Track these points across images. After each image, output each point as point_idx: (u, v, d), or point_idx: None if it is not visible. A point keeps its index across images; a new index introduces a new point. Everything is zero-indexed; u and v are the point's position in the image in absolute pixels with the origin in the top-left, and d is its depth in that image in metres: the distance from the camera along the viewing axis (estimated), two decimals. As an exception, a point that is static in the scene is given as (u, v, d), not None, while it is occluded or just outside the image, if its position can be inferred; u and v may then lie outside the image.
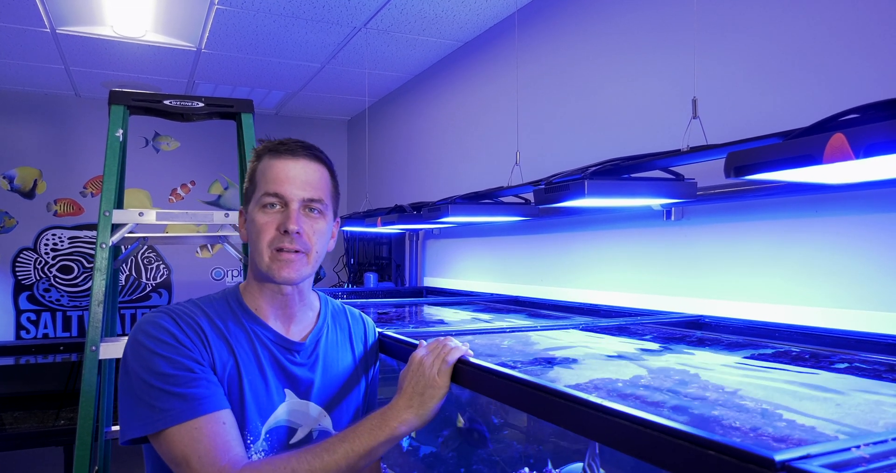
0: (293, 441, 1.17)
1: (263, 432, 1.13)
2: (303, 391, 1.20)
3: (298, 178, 1.15)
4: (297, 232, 1.12)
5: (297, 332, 1.24)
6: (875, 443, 0.61)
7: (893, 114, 0.82)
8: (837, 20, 1.53)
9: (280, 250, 1.13)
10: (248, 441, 1.11)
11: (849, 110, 0.90)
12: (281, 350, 1.19)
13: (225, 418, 1.04)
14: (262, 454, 1.12)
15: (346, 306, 1.40)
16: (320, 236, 1.17)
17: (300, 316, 1.25)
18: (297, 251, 1.13)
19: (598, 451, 1.51)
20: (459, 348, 1.14)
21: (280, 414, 1.16)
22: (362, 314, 1.42)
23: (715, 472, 0.60)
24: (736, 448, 0.59)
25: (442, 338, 1.18)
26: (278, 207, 1.14)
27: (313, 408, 1.21)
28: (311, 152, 1.18)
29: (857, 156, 0.84)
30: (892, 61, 1.41)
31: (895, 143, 0.80)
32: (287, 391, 1.18)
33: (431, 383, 1.09)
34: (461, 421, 1.78)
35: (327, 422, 1.23)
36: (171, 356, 1.04)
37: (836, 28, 1.53)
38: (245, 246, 2.52)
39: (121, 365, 1.09)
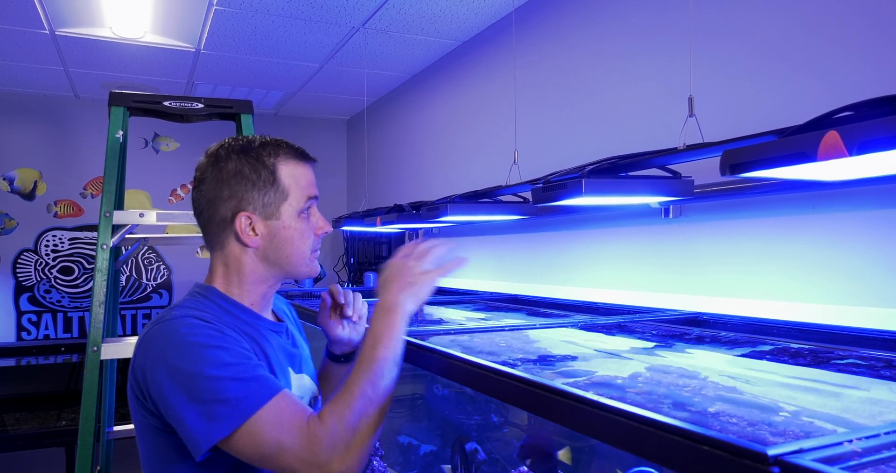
0: None
1: None
2: (297, 366, 1.25)
3: (315, 181, 1.23)
4: None
5: (271, 316, 1.29)
6: (867, 437, 0.62)
7: (887, 111, 0.83)
8: (832, 19, 1.54)
9: (314, 250, 1.21)
10: None
11: (843, 108, 0.90)
12: (274, 335, 1.23)
13: (289, 391, 1.04)
14: None
15: None
16: None
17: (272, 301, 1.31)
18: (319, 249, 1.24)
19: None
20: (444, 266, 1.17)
21: (295, 393, 1.21)
22: None
23: (710, 467, 0.61)
24: (730, 443, 0.60)
25: (412, 244, 1.19)
26: (310, 211, 1.20)
27: (306, 379, 1.27)
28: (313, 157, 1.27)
29: (851, 153, 0.84)
30: (885, 59, 1.42)
31: (889, 140, 0.81)
32: (289, 369, 1.22)
33: (426, 279, 1.13)
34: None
35: (315, 389, 1.31)
36: (228, 347, 1.02)
37: (831, 27, 1.54)
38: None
39: (161, 374, 0.99)
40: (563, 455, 1.89)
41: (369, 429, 0.99)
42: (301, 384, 1.24)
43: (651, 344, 1.56)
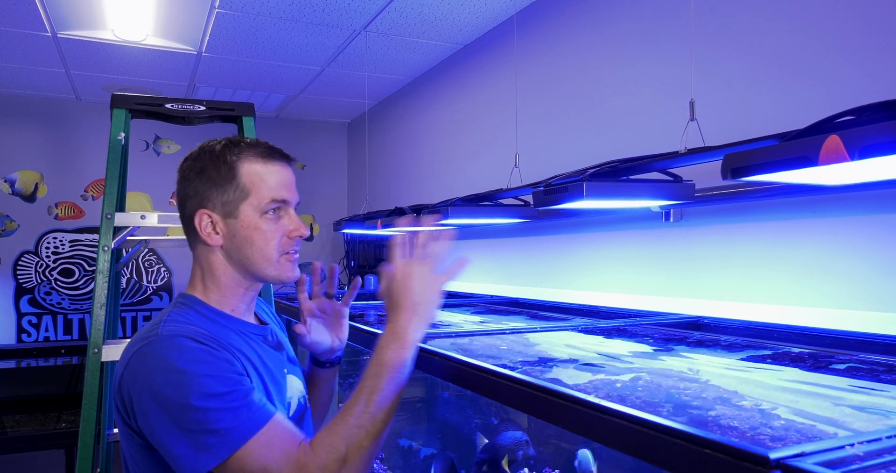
0: (290, 413, 1.20)
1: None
2: (286, 367, 1.24)
3: (292, 183, 1.19)
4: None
5: (254, 320, 1.26)
6: (869, 441, 0.62)
7: (888, 116, 0.83)
8: (831, 24, 1.54)
9: (286, 253, 1.16)
10: None
11: (844, 112, 0.90)
12: (260, 339, 1.21)
13: (282, 416, 1.02)
14: None
15: None
16: None
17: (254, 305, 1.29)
18: (296, 252, 1.20)
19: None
20: (445, 261, 1.15)
21: (287, 394, 1.20)
22: None
23: (712, 470, 0.61)
24: (731, 446, 0.60)
25: (402, 240, 1.17)
26: (279, 213, 1.16)
27: (294, 380, 1.26)
28: (291, 159, 1.22)
29: (853, 157, 0.84)
30: (886, 64, 1.42)
31: (890, 144, 0.81)
32: (284, 370, 1.22)
33: (434, 293, 1.12)
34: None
35: (303, 387, 1.29)
36: (217, 374, 0.98)
37: (831, 32, 1.54)
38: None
39: (147, 400, 0.97)
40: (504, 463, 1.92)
41: (361, 460, 0.97)
42: (291, 384, 1.23)
43: (651, 348, 1.56)
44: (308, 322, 1.35)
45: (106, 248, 2.17)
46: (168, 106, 2.37)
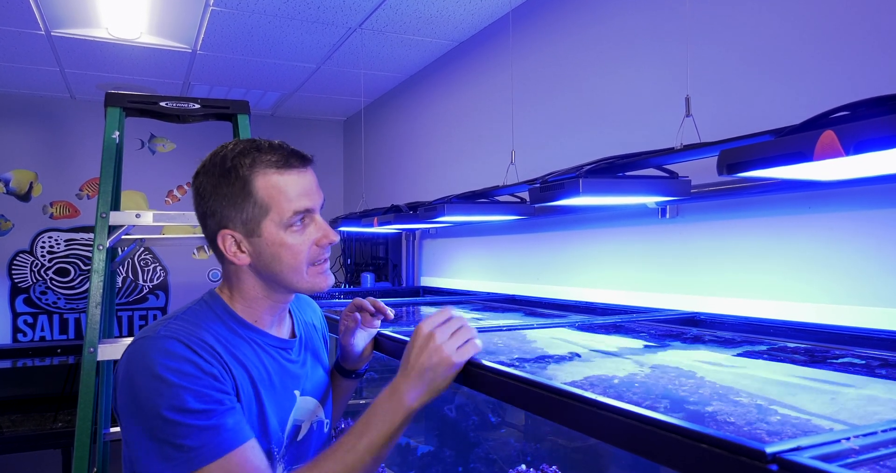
0: (299, 438, 1.17)
1: (285, 438, 1.13)
2: (303, 387, 1.20)
3: (313, 187, 1.12)
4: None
5: (285, 331, 1.22)
6: (865, 435, 0.62)
7: (883, 111, 0.83)
8: (827, 20, 1.54)
9: (316, 263, 1.11)
10: (276, 453, 1.10)
11: (839, 108, 0.90)
12: (280, 352, 1.17)
13: (254, 445, 0.99)
14: (284, 461, 1.12)
15: None
16: None
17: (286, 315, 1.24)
18: (326, 259, 1.13)
19: None
20: (475, 341, 1.08)
21: (293, 416, 1.16)
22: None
23: (708, 465, 0.61)
24: (728, 440, 0.60)
25: (446, 313, 1.09)
26: (304, 222, 1.09)
27: (312, 402, 1.21)
28: (310, 160, 1.15)
29: (848, 153, 0.85)
30: (879, 61, 1.42)
31: (885, 139, 0.81)
32: (295, 391, 1.17)
33: (446, 361, 1.03)
34: None
35: (321, 413, 1.24)
36: (198, 389, 0.95)
37: (827, 29, 1.54)
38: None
39: (125, 396, 0.97)
40: None
41: None
42: (304, 406, 1.18)
43: (648, 344, 1.57)
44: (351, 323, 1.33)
45: (101, 247, 2.16)
46: (162, 104, 2.36)
